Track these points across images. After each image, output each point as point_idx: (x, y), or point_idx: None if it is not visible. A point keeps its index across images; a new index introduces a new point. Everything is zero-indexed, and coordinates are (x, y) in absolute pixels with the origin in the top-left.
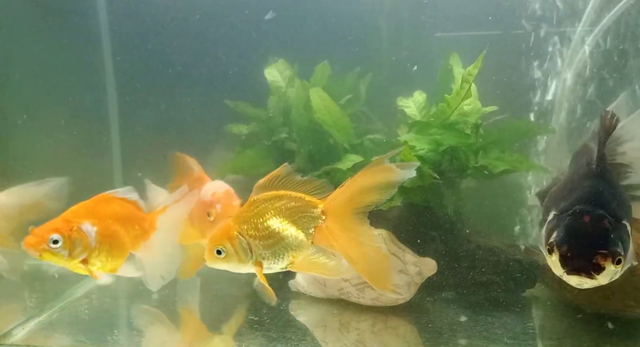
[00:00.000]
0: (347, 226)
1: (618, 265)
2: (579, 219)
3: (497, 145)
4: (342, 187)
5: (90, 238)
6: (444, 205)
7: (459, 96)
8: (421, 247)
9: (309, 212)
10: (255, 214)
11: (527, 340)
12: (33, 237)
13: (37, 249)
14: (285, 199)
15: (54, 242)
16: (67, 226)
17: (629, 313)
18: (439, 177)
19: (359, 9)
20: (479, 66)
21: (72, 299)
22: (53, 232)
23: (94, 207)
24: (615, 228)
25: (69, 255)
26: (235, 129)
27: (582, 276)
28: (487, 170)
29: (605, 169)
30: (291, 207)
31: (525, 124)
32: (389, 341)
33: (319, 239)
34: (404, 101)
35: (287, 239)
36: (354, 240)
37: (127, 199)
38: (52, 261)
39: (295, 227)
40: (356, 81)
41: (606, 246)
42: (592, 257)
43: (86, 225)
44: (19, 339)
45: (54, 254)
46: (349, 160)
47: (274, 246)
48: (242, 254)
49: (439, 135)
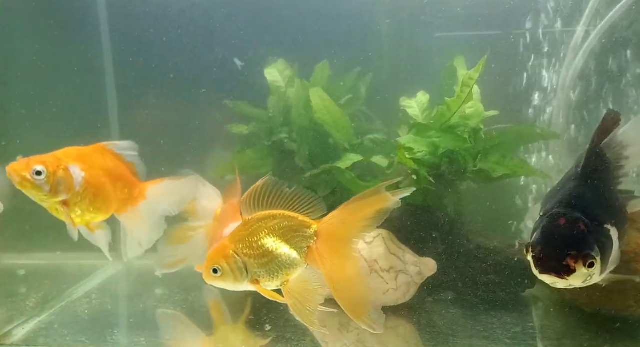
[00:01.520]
0: (337, 250)
1: (591, 268)
2: (554, 221)
3: (498, 149)
4: (337, 210)
5: (76, 181)
6: (444, 205)
7: (459, 100)
8: (421, 248)
9: (302, 231)
10: (249, 233)
11: (527, 340)
12: (18, 164)
13: (19, 175)
14: (278, 219)
15: (37, 173)
16: (54, 162)
17: (629, 313)
18: (435, 181)
19: (359, 8)
20: (480, 70)
21: (72, 299)
22: (38, 163)
23: (88, 154)
24: (592, 231)
25: (49, 191)
26: (235, 129)
27: (554, 277)
28: (486, 175)
29: (593, 172)
30: (285, 227)
31: (528, 129)
32: (389, 341)
33: (311, 259)
34: (407, 101)
35: (280, 257)
36: (341, 266)
37: (124, 159)
38: (32, 194)
39: (288, 246)
40: (356, 81)
41: (577, 248)
42: (563, 259)
43: (75, 167)
44: (19, 339)
45: (34, 185)
46: (348, 159)
47: (269, 264)
48: (238, 272)
49: (437, 139)
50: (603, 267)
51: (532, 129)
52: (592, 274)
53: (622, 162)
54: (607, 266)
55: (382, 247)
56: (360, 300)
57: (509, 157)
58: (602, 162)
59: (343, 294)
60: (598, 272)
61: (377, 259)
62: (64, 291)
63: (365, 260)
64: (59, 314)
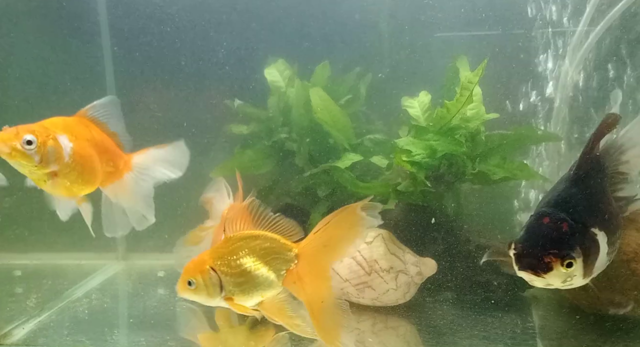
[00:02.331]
0: (317, 273)
1: (569, 268)
2: (538, 220)
3: (498, 152)
4: (316, 232)
5: (65, 151)
6: (444, 206)
7: (458, 103)
8: (421, 248)
9: (282, 254)
10: (230, 251)
11: (527, 340)
12: (6, 133)
13: (8, 145)
14: (260, 239)
15: (28, 143)
16: (44, 132)
17: (629, 313)
18: (434, 183)
19: (359, 8)
20: (480, 74)
21: (72, 299)
22: (28, 133)
23: (74, 125)
24: (575, 233)
25: (39, 161)
26: (236, 129)
27: (531, 274)
28: (485, 177)
29: (586, 176)
30: (265, 248)
31: (530, 131)
32: (389, 341)
33: (288, 282)
34: (409, 101)
35: (257, 278)
36: (320, 289)
37: (107, 129)
38: (20, 165)
39: (267, 268)
40: (356, 81)
41: (556, 247)
42: (541, 257)
43: (63, 137)
44: (19, 339)
45: (24, 155)
46: (348, 159)
47: (245, 284)
48: (212, 288)
49: (435, 142)
50: (587, 270)
51: (533, 131)
52: (572, 275)
53: (621, 168)
54: (592, 270)
55: (382, 247)
56: (335, 324)
57: (509, 159)
58: (597, 166)
59: (319, 318)
60: (580, 274)
61: (377, 259)
62: (64, 291)
63: (365, 260)
64: (59, 314)
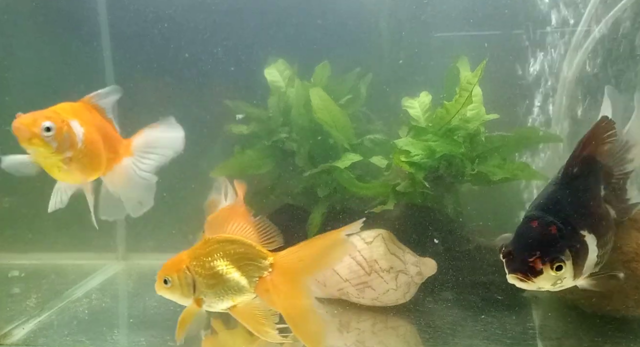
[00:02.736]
0: (291, 285)
1: (559, 271)
2: (527, 224)
3: (499, 152)
4: (297, 246)
5: (78, 137)
6: (444, 206)
7: (457, 104)
8: (421, 247)
9: (257, 261)
10: (206, 253)
11: (527, 340)
12: (25, 119)
13: (29, 130)
14: (236, 244)
15: (47, 129)
16: (58, 118)
17: (629, 313)
18: (434, 183)
19: (359, 8)
20: (479, 74)
21: (72, 299)
22: (46, 119)
23: (82, 110)
24: (564, 236)
25: (56, 148)
26: (235, 129)
27: (521, 278)
28: (485, 178)
29: (575, 178)
30: (240, 253)
31: (531, 132)
32: (389, 341)
33: (260, 290)
34: (409, 102)
35: (229, 282)
36: (295, 299)
37: (105, 115)
38: (37, 151)
39: (239, 273)
40: (356, 81)
41: (545, 250)
42: (530, 260)
43: (75, 123)
44: (19, 339)
45: (43, 142)
46: (347, 159)
47: (216, 286)
48: (186, 288)
49: (433, 142)
50: (577, 272)
51: (535, 132)
52: (562, 277)
53: (627, 167)
54: (582, 271)
55: (382, 247)
56: (317, 332)
57: (509, 160)
58: (587, 168)
59: (299, 327)
60: (570, 276)
61: (377, 259)
62: (64, 291)
63: (365, 260)
64: (59, 314)
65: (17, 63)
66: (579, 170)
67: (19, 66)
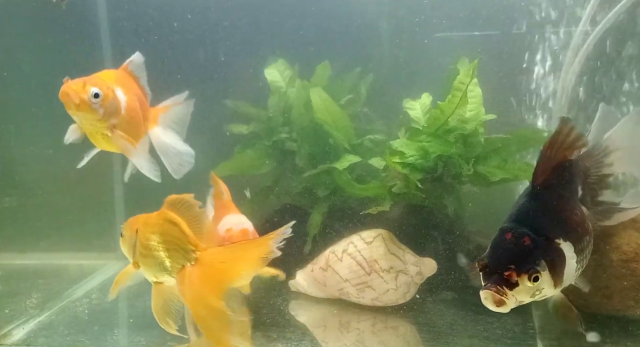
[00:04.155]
0: (206, 282)
1: (535, 282)
2: (501, 236)
3: (499, 153)
4: (226, 247)
5: (122, 105)
6: (445, 206)
7: (451, 104)
8: (421, 247)
9: (186, 250)
10: (153, 223)
11: (527, 340)
12: (74, 85)
13: (78, 96)
14: (177, 227)
15: (95, 96)
16: (105, 85)
17: (629, 313)
18: (432, 184)
19: (359, 8)
20: (471, 75)
21: (72, 299)
22: (94, 85)
23: (124, 77)
24: (539, 246)
25: (102, 115)
26: (235, 129)
27: (496, 290)
28: (484, 178)
29: (546, 187)
30: (176, 236)
31: (531, 132)
32: (389, 341)
33: (178, 277)
34: (410, 103)
35: (155, 259)
36: (205, 298)
37: (139, 83)
38: (84, 118)
39: (167, 254)
40: (356, 81)
41: (519, 262)
42: (506, 274)
43: (119, 91)
44: (19, 339)
45: (91, 108)
46: (346, 161)
47: (146, 257)
48: (130, 247)
49: (427, 143)
50: (556, 281)
51: (537, 133)
52: (540, 288)
53: (605, 170)
54: (562, 280)
55: (382, 247)
56: (220, 333)
57: (510, 161)
58: (558, 176)
59: (202, 323)
60: (548, 286)
61: (377, 259)
62: (64, 291)
63: (365, 260)
64: (59, 314)
65: (17, 63)
66: (550, 179)
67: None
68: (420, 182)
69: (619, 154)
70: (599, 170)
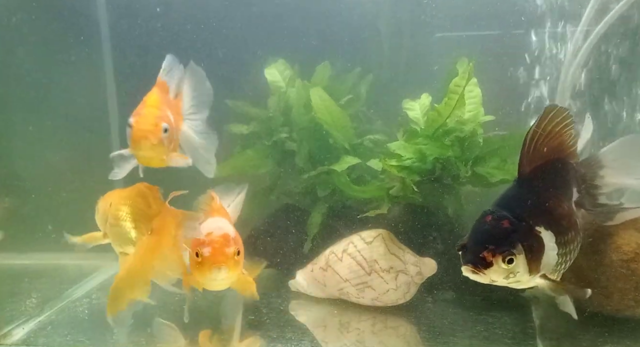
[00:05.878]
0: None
1: (510, 264)
2: (482, 218)
3: (498, 154)
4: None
5: (173, 127)
6: (445, 207)
7: (448, 106)
8: (421, 247)
9: (147, 220)
10: (125, 197)
11: (527, 340)
12: (146, 126)
13: (156, 137)
14: (145, 200)
15: (164, 131)
16: (167, 117)
17: (629, 313)
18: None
19: (359, 9)
20: (467, 76)
21: (72, 299)
22: (163, 121)
23: (165, 98)
24: (517, 230)
25: (167, 145)
26: (235, 129)
27: (472, 269)
28: (483, 179)
29: (533, 177)
30: (142, 208)
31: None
32: (389, 341)
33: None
34: (410, 104)
35: (120, 228)
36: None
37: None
38: (154, 152)
39: (132, 225)
40: (357, 81)
41: (495, 242)
42: (481, 252)
43: (170, 115)
44: (19, 339)
45: (162, 144)
46: (345, 162)
47: (113, 227)
48: (101, 217)
49: (424, 146)
50: (532, 267)
51: None
52: (515, 271)
53: (597, 181)
54: (539, 267)
55: (382, 247)
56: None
57: (510, 161)
58: (550, 170)
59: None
60: (523, 271)
61: (377, 259)
62: (64, 291)
63: (365, 260)
64: (59, 314)
65: (17, 63)
66: (539, 170)
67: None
68: (418, 184)
69: (609, 171)
70: (593, 179)
